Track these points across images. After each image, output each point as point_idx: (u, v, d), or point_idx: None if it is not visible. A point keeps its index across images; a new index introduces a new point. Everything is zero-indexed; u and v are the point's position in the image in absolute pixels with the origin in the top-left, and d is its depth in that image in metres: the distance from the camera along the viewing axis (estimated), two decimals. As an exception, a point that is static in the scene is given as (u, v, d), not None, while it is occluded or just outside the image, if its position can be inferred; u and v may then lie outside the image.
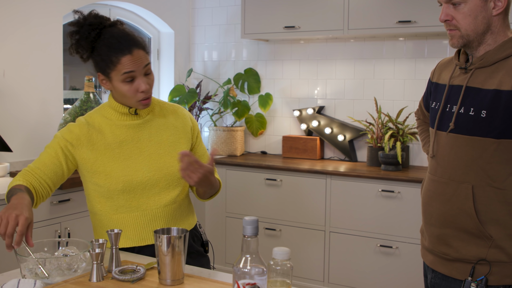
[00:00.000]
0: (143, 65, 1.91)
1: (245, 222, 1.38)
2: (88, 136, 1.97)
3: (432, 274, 1.96)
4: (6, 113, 3.48)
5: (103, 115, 2.02)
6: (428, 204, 1.94)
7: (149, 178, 1.97)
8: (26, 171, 1.92)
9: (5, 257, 2.94)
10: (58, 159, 1.95)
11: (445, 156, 1.88)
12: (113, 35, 1.90)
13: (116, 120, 2.00)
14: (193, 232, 2.14)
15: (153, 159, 1.99)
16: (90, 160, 1.96)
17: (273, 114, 4.73)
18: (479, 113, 1.78)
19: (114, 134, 1.99)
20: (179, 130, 2.08)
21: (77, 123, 2.01)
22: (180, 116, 2.11)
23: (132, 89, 1.91)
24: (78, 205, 3.32)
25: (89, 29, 1.90)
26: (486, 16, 1.78)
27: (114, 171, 1.95)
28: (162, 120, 2.06)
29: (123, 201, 1.97)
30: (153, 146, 2.01)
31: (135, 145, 1.99)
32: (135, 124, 2.01)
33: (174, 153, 2.02)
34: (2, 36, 3.43)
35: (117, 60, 1.87)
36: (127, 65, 1.87)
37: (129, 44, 1.89)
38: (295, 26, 4.16)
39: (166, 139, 2.04)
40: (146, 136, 2.01)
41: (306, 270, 3.98)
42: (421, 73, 4.12)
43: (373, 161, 4.06)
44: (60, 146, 1.95)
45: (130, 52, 1.88)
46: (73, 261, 1.69)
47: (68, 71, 4.12)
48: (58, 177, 1.96)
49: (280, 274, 1.39)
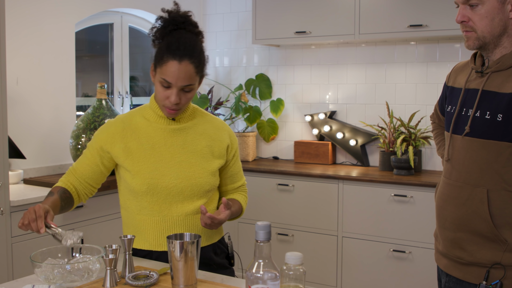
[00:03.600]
0: (182, 84, 1.89)
1: (257, 227, 1.39)
2: (122, 134, 2.00)
3: (446, 278, 1.95)
4: (19, 120, 3.51)
5: (142, 115, 2.04)
6: (443, 207, 1.93)
7: (174, 185, 1.97)
8: (69, 172, 2.05)
9: (19, 263, 2.96)
10: (95, 160, 2.01)
11: (460, 160, 1.87)
12: (179, 37, 1.90)
13: (153, 122, 2.02)
14: (217, 244, 2.12)
15: (183, 167, 1.99)
16: (122, 157, 1.98)
17: (284, 119, 4.73)
18: (495, 116, 1.77)
19: (148, 135, 2.00)
20: (215, 145, 2.06)
21: (113, 121, 2.05)
22: (220, 131, 2.10)
23: (163, 93, 1.92)
24: (91, 211, 3.34)
25: (170, 22, 1.94)
26: (503, 19, 1.78)
27: (141, 171, 1.96)
28: (199, 130, 2.06)
29: (146, 203, 1.98)
30: (185, 154, 2.00)
31: (168, 149, 1.99)
32: (171, 129, 2.01)
33: (205, 165, 2.01)
34: (15, 44, 3.46)
35: (165, 61, 1.87)
36: (169, 72, 1.87)
37: (183, 53, 1.87)
38: (306, 31, 4.16)
39: (200, 150, 2.03)
40: (180, 143, 2.01)
41: (319, 275, 3.97)
42: (433, 77, 4.10)
43: (385, 165, 4.05)
44: (95, 148, 2.02)
45: (179, 60, 1.86)
46: (86, 266, 1.69)
47: (80, 78, 4.15)
48: (98, 176, 2.04)
49: (293, 279, 1.39)
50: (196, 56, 1.90)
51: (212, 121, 2.12)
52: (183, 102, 1.93)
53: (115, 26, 4.35)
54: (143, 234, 2.00)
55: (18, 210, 2.96)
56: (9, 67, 3.35)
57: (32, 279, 1.76)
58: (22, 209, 2.98)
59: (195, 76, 1.91)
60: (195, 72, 1.90)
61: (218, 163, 2.06)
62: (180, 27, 1.94)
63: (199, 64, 1.91)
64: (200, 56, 1.92)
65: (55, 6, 3.70)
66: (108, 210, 3.45)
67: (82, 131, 3.50)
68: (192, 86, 1.92)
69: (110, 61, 4.39)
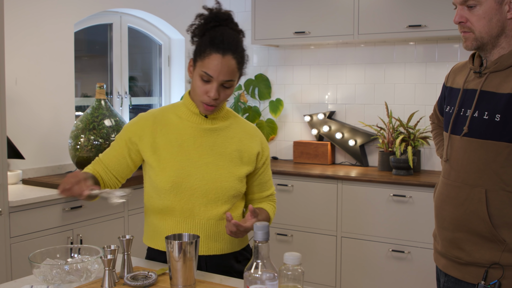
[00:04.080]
0: (223, 79, 1.86)
1: (256, 228, 1.39)
2: (152, 129, 1.96)
3: (445, 278, 1.95)
4: (18, 121, 3.51)
5: (175, 112, 2.00)
6: (441, 207, 1.93)
7: (199, 186, 1.92)
8: (95, 161, 2.01)
9: (18, 264, 2.96)
10: (122, 153, 1.97)
11: (459, 160, 1.87)
12: (223, 33, 1.88)
13: (185, 120, 1.97)
14: (239, 252, 2.05)
15: (210, 169, 1.94)
16: (148, 152, 1.94)
17: (284, 120, 4.73)
18: (493, 117, 1.77)
19: (178, 132, 1.96)
20: (245, 150, 2.01)
21: (145, 114, 2.01)
22: (252, 137, 2.05)
23: (202, 88, 1.88)
24: (90, 212, 3.34)
25: (212, 19, 1.91)
26: (500, 19, 1.78)
27: (166, 169, 1.92)
28: (231, 134, 2.01)
29: (168, 201, 1.93)
30: (213, 156, 1.95)
31: (196, 149, 1.95)
32: (203, 128, 1.97)
33: (233, 170, 1.96)
34: (14, 44, 3.46)
35: (208, 54, 1.84)
36: (211, 66, 1.84)
37: (227, 47, 1.85)
38: (305, 32, 4.16)
39: (229, 154, 1.97)
40: (210, 144, 1.96)
41: (318, 275, 3.97)
42: (432, 77, 4.10)
43: (384, 165, 4.05)
44: (124, 140, 1.98)
45: (223, 54, 1.84)
46: (85, 267, 1.69)
47: (79, 78, 4.14)
48: (124, 168, 1.99)
49: (291, 279, 1.39)
50: (239, 52, 1.89)
51: (245, 126, 2.06)
52: (221, 98, 1.90)
53: (114, 26, 4.35)
54: (162, 234, 1.95)
55: (17, 211, 2.96)
56: (8, 67, 3.35)
57: (31, 280, 1.76)
58: (21, 209, 2.98)
59: (236, 72, 1.89)
60: (236, 68, 1.88)
61: (246, 170, 2.00)
62: (222, 24, 1.92)
63: (241, 61, 1.90)
64: (242, 53, 1.91)
65: (54, 6, 3.70)
66: (107, 210, 3.45)
67: (81, 131, 3.50)
68: (232, 82, 1.89)
69: (109, 61, 4.39)
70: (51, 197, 3.11)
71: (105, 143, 3.48)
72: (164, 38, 4.87)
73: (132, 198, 3.60)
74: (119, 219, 3.53)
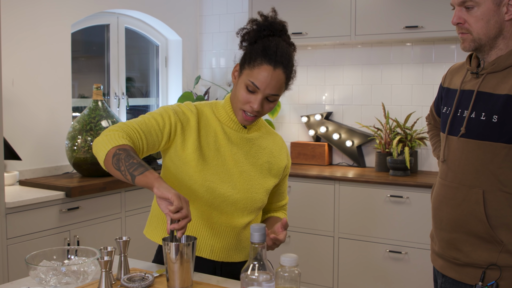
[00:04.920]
0: (269, 92, 1.78)
1: (252, 229, 1.39)
2: (197, 126, 1.86)
3: (442, 279, 1.95)
4: (15, 122, 3.50)
5: (214, 113, 1.91)
6: (438, 208, 1.93)
7: (231, 194, 1.86)
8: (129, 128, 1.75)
9: (15, 265, 2.95)
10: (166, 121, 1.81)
11: (456, 161, 1.87)
12: (277, 44, 1.82)
13: (224, 124, 1.90)
14: None
15: (243, 178, 1.89)
16: (189, 148, 1.84)
17: (281, 121, 4.73)
18: (491, 118, 1.77)
19: (217, 135, 1.89)
20: (274, 162, 1.98)
21: (191, 107, 1.89)
22: (281, 150, 2.02)
23: (245, 97, 1.80)
24: (87, 213, 3.33)
25: (266, 27, 1.86)
26: (498, 21, 1.78)
27: (205, 170, 1.84)
28: (263, 144, 1.97)
29: (197, 204, 1.86)
30: (246, 165, 1.91)
31: (232, 157, 1.89)
32: (239, 136, 1.91)
33: (262, 181, 1.92)
34: (10, 45, 3.46)
35: (259, 63, 1.78)
36: (260, 77, 1.77)
37: (280, 60, 1.78)
38: (303, 33, 4.17)
39: (261, 165, 1.94)
40: (244, 153, 1.91)
41: (316, 276, 3.97)
42: (429, 78, 4.11)
43: (381, 166, 4.05)
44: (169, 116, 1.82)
45: (274, 67, 1.77)
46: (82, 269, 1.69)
47: (76, 79, 4.14)
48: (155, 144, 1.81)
49: (288, 280, 1.39)
50: (290, 67, 1.82)
51: (274, 137, 2.03)
52: (264, 111, 1.83)
53: (111, 27, 4.35)
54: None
55: (14, 212, 2.96)
56: (5, 68, 3.34)
57: (27, 281, 1.76)
58: (17, 210, 2.97)
59: (283, 87, 1.82)
60: (285, 82, 1.82)
61: (273, 182, 1.97)
62: (276, 34, 1.86)
63: (290, 76, 1.83)
64: (292, 68, 1.84)
65: (51, 7, 3.70)
66: (104, 212, 3.44)
67: (78, 132, 3.49)
68: (277, 96, 1.82)
69: (106, 62, 4.38)
70: (48, 198, 3.11)
71: (102, 144, 3.48)
72: (161, 39, 4.87)
73: (128, 198, 3.61)
74: (116, 221, 3.53)
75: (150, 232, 1.99)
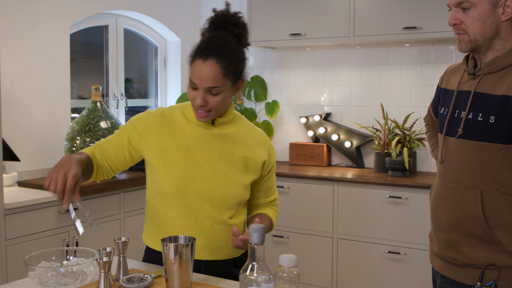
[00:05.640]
0: (205, 85, 1.77)
1: (251, 230, 1.39)
2: (159, 129, 1.90)
3: (441, 279, 1.95)
4: (14, 123, 3.50)
5: (183, 113, 1.93)
6: (437, 209, 1.94)
7: (204, 192, 1.87)
8: (97, 144, 1.96)
9: (14, 266, 2.95)
10: (122, 145, 1.93)
11: (454, 162, 1.88)
12: (211, 36, 1.81)
13: (193, 123, 1.91)
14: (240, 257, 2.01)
15: (216, 175, 1.89)
16: (153, 153, 1.89)
17: (280, 121, 4.73)
18: (488, 118, 1.78)
19: (186, 135, 1.90)
20: (252, 158, 1.95)
21: (153, 112, 1.95)
22: (260, 144, 1.99)
23: (191, 95, 1.82)
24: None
25: (213, 22, 1.87)
26: (495, 22, 1.78)
27: (172, 172, 1.87)
28: (239, 140, 1.94)
29: (173, 205, 1.88)
30: (219, 162, 1.90)
31: (203, 154, 1.89)
32: (210, 133, 1.90)
33: (238, 177, 1.92)
34: (9, 46, 3.46)
35: (192, 60, 1.80)
36: (194, 72, 1.78)
37: (210, 52, 1.76)
38: (301, 34, 4.17)
39: (236, 160, 1.92)
40: (217, 149, 1.90)
41: (314, 276, 3.97)
42: (428, 79, 4.11)
43: (380, 167, 4.05)
44: (127, 133, 1.93)
45: (204, 59, 1.75)
46: (81, 269, 1.69)
47: (75, 80, 4.14)
48: (120, 161, 1.95)
49: (286, 281, 1.39)
50: (225, 57, 1.76)
51: (253, 133, 2.00)
52: (211, 105, 1.80)
53: (110, 28, 4.35)
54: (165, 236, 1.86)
55: (13, 213, 2.95)
56: (3, 69, 3.34)
57: (26, 283, 1.76)
58: (16, 212, 2.97)
59: (222, 78, 1.77)
60: (222, 73, 1.76)
61: (251, 178, 1.95)
62: (221, 26, 1.84)
63: (228, 66, 1.77)
64: (230, 57, 1.78)
65: (49, 8, 3.70)
66: (103, 212, 3.44)
67: (76, 133, 3.49)
68: (219, 88, 1.78)
69: (105, 63, 4.38)
70: (46, 199, 3.11)
71: (101, 145, 3.48)
72: (160, 40, 4.87)
73: (127, 199, 3.61)
74: (115, 221, 3.53)
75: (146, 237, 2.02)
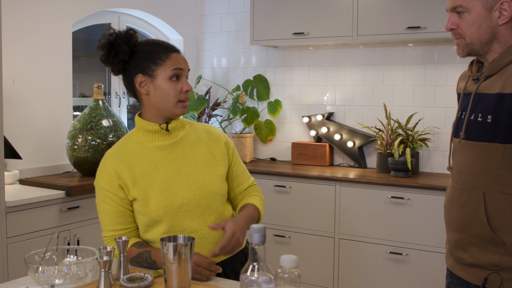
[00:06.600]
0: (187, 68, 1.97)
1: (252, 230, 1.38)
2: (122, 165, 1.91)
3: (452, 278, 1.98)
4: (15, 121, 3.50)
5: (133, 140, 1.96)
6: (448, 209, 1.97)
7: (189, 199, 1.91)
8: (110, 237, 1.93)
9: (15, 264, 2.95)
10: (118, 207, 1.92)
11: (459, 163, 1.90)
12: (154, 40, 2.00)
13: (147, 142, 1.94)
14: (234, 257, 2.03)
15: (192, 179, 1.93)
16: (130, 187, 1.90)
17: (282, 121, 4.72)
18: (486, 118, 1.80)
19: (148, 157, 1.92)
20: (213, 148, 2.02)
21: (104, 160, 1.95)
22: (213, 134, 2.06)
23: (176, 88, 1.91)
24: (87, 212, 3.33)
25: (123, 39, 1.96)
26: (490, 26, 1.80)
27: (153, 196, 1.89)
28: (194, 139, 2.01)
29: (166, 227, 1.90)
30: (189, 165, 1.95)
31: (171, 166, 1.93)
32: (168, 144, 1.95)
33: (212, 171, 1.97)
34: (11, 43, 3.46)
35: (167, 56, 1.92)
36: (176, 61, 1.93)
37: (175, 48, 1.98)
38: (304, 33, 4.16)
39: (202, 157, 1.98)
40: (181, 155, 1.95)
41: (316, 277, 3.96)
42: (431, 79, 4.10)
43: (382, 167, 4.04)
44: (109, 197, 1.92)
45: (178, 52, 1.96)
46: (81, 268, 1.68)
47: (77, 78, 4.14)
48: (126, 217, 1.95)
49: (287, 281, 1.38)
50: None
51: (201, 127, 2.07)
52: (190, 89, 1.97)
53: (112, 26, 4.33)
54: None
55: (14, 211, 2.95)
56: (6, 66, 3.34)
57: (27, 281, 1.75)
58: (17, 209, 2.97)
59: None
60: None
61: (223, 166, 2.01)
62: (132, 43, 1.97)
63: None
64: None
65: (52, 6, 3.69)
66: (104, 211, 3.43)
67: (78, 131, 3.49)
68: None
69: (107, 62, 4.37)
70: (48, 197, 3.11)
71: (102, 144, 3.47)
72: (163, 38, 4.86)
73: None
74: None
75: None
